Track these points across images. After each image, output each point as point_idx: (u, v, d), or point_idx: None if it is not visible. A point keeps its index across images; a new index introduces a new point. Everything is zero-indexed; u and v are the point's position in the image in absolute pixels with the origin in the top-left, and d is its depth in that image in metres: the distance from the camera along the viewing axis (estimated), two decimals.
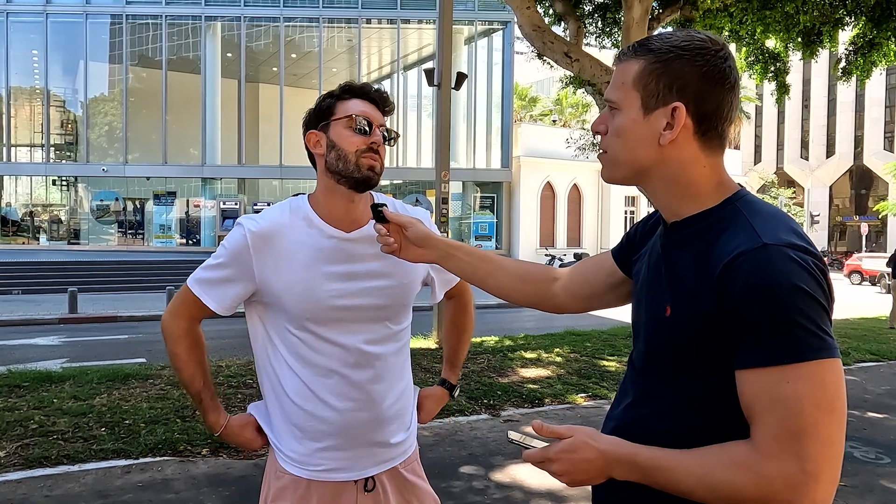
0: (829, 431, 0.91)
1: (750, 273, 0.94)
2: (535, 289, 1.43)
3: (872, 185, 44.40)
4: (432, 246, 1.44)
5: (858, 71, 10.23)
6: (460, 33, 26.15)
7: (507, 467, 4.22)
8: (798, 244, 0.96)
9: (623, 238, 1.34)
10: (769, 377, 0.93)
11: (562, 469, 1.04)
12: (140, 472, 4.05)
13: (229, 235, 1.56)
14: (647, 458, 1.01)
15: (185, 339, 1.60)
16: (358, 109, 1.53)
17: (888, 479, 4.19)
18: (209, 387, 1.64)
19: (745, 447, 0.95)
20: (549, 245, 26.49)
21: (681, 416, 1.05)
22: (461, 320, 1.88)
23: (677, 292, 1.05)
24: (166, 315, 1.61)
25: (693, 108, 1.04)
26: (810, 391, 0.91)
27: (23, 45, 26.89)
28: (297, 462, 1.56)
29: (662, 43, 1.06)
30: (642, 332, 1.16)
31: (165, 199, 27.16)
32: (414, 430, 1.72)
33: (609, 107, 1.13)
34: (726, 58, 1.04)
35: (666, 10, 9.76)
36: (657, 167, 1.08)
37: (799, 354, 0.91)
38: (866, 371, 7.76)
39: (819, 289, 0.95)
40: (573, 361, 7.51)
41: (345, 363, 1.54)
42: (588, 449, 1.03)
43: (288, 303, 1.51)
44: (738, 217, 1.03)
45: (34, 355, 8.45)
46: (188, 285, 1.58)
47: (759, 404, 0.94)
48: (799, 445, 0.91)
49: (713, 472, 0.96)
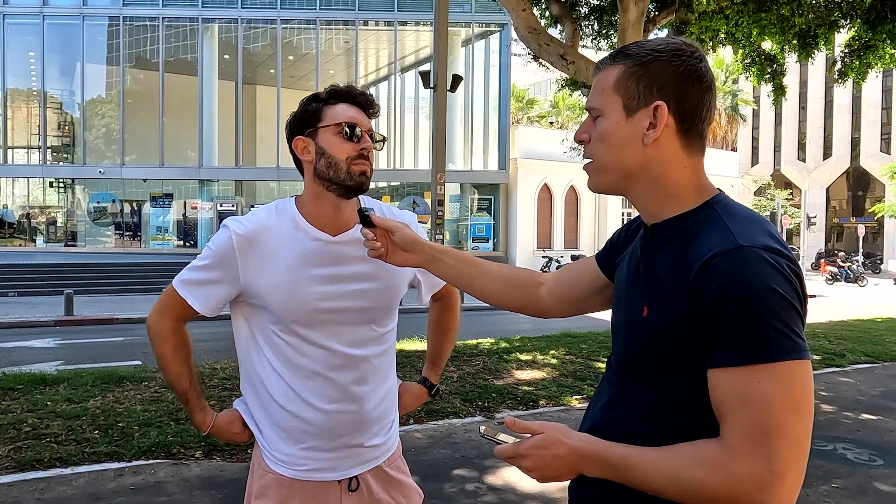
0: (797, 431, 0.93)
1: (724, 274, 0.95)
2: (519, 293, 1.45)
3: (869, 186, 44.46)
4: (418, 250, 1.45)
5: (854, 73, 10.24)
6: (457, 35, 26.17)
7: (501, 470, 4.22)
8: (773, 247, 0.98)
9: (606, 243, 1.36)
10: (740, 377, 0.94)
11: (532, 465, 1.05)
12: (133, 474, 4.04)
13: (215, 237, 1.56)
14: (617, 456, 1.02)
15: (172, 338, 1.60)
16: (346, 115, 1.53)
17: (882, 482, 4.19)
18: (195, 386, 1.64)
19: (715, 446, 0.96)
20: (546, 247, 26.50)
21: (658, 418, 1.06)
22: (446, 321, 1.89)
23: (655, 293, 1.06)
24: (152, 314, 1.61)
25: (674, 106, 1.06)
26: (779, 392, 0.92)
27: (19, 46, 26.85)
28: (281, 461, 1.57)
29: (639, 48, 1.09)
30: (621, 333, 1.17)
31: (162, 201, 27.14)
32: (396, 428, 1.73)
33: (591, 114, 1.15)
34: (701, 59, 1.07)
35: (661, 12, 9.78)
36: (641, 170, 1.09)
37: (770, 355, 0.93)
38: (861, 372, 7.76)
39: (792, 291, 0.96)
40: (568, 363, 7.51)
41: (329, 365, 1.54)
42: (559, 445, 1.04)
43: (273, 304, 1.51)
44: (715, 219, 1.04)
45: (30, 357, 8.44)
46: (174, 286, 1.58)
47: (729, 403, 0.95)
48: (767, 444, 0.92)
49: (683, 470, 0.97)
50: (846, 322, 12.58)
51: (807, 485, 4.09)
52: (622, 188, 1.14)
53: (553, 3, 10.06)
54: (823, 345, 9.25)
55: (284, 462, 1.56)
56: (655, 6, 9.87)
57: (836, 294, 22.40)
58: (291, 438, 1.55)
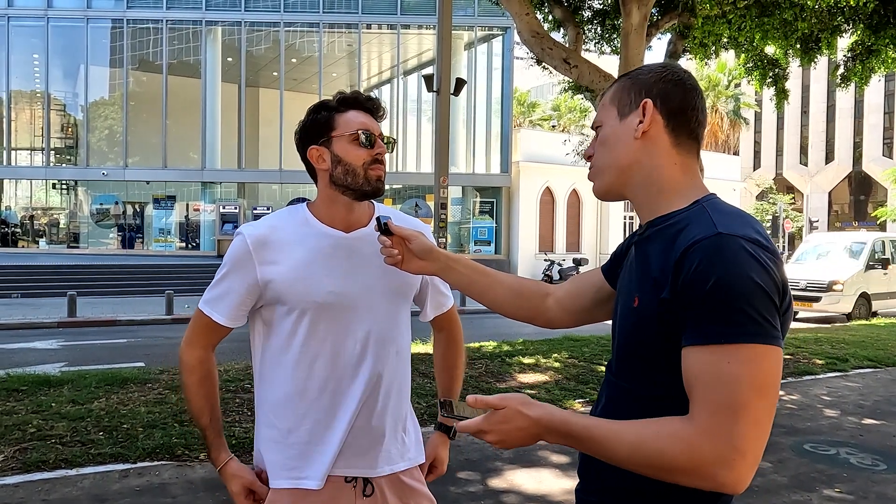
0: (760, 413, 0.97)
1: (702, 258, 1.00)
2: (528, 303, 1.50)
3: (871, 191, 44.44)
4: (434, 258, 1.51)
5: (857, 78, 10.26)
6: (460, 39, 26.22)
7: (504, 473, 4.23)
8: (752, 237, 1.02)
9: (611, 255, 1.41)
10: (710, 355, 0.98)
11: (496, 439, 1.10)
12: (138, 476, 4.06)
13: (230, 246, 1.59)
14: (580, 426, 1.06)
15: (198, 369, 1.61)
16: (358, 122, 1.56)
17: (884, 486, 4.19)
18: (216, 423, 1.64)
19: (681, 420, 1.00)
20: (548, 250, 26.49)
21: (653, 414, 1.08)
22: (452, 357, 1.86)
23: (644, 282, 1.12)
24: (182, 345, 1.63)
25: (660, 103, 1.17)
26: (747, 372, 0.96)
27: (24, 48, 26.93)
28: (292, 478, 1.56)
29: (634, 70, 1.25)
30: (617, 330, 1.22)
31: (165, 203, 27.18)
32: (418, 441, 1.74)
33: (595, 131, 1.26)
34: (685, 71, 1.21)
35: (664, 16, 9.79)
36: (635, 166, 1.18)
37: (740, 336, 0.97)
38: (864, 377, 7.76)
39: (769, 279, 0.99)
40: (571, 367, 7.51)
41: (344, 366, 1.56)
42: (521, 418, 1.08)
43: (288, 298, 1.53)
44: (701, 214, 1.10)
45: (33, 359, 8.46)
46: (198, 307, 1.61)
47: (698, 380, 0.99)
48: (732, 422, 0.96)
49: (647, 442, 1.00)
50: (848, 326, 12.57)
51: (810, 489, 4.10)
52: (621, 188, 1.23)
53: (556, 7, 10.09)
54: (826, 349, 9.25)
55: (294, 478, 1.56)
56: (658, 11, 9.89)
57: None
58: (305, 442, 1.56)
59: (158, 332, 11.55)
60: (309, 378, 1.55)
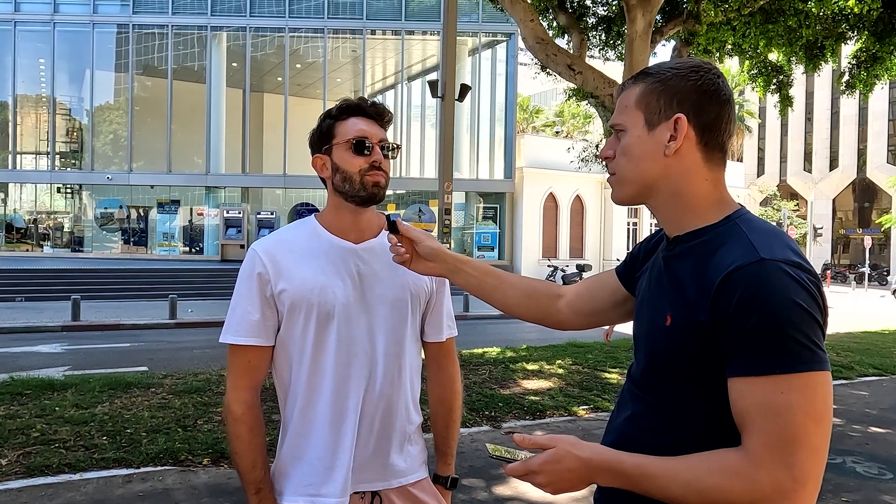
0: (817, 441, 0.95)
1: (746, 286, 0.97)
2: (539, 304, 1.47)
3: (875, 198, 44.31)
4: (441, 260, 1.49)
5: (861, 85, 10.25)
6: (464, 44, 26.24)
7: (509, 479, 4.21)
8: (793, 260, 1.00)
9: (627, 256, 1.38)
10: (762, 386, 0.96)
11: (546, 480, 1.07)
12: (141, 481, 4.05)
13: (243, 264, 1.57)
14: (633, 465, 1.03)
15: (248, 417, 1.53)
16: (356, 129, 1.55)
17: (891, 496, 4.17)
18: (268, 477, 1.58)
19: (736, 454, 0.98)
20: (551, 256, 26.46)
21: (680, 429, 1.07)
22: (448, 399, 1.76)
23: (678, 302, 1.08)
24: (228, 394, 1.55)
25: (693, 118, 1.10)
26: (801, 401, 0.94)
27: (30, 53, 27.05)
28: (309, 494, 1.54)
29: (659, 68, 1.15)
30: (643, 343, 1.19)
31: (169, 208, 27.22)
32: (423, 457, 1.71)
33: (615, 132, 1.18)
34: (719, 75, 1.12)
35: (669, 23, 9.80)
36: (662, 181, 1.13)
37: (792, 365, 0.95)
38: (869, 385, 7.73)
39: (813, 303, 0.98)
40: (575, 373, 7.49)
41: (352, 378, 1.55)
42: (571, 458, 1.05)
43: (299, 310, 1.52)
44: (736, 232, 1.06)
45: (37, 363, 8.46)
46: (227, 343, 1.55)
47: (751, 412, 0.97)
48: (789, 453, 0.94)
49: (703, 478, 0.98)
50: (853, 334, 12.53)
51: (817, 498, 4.07)
52: (644, 199, 1.17)
53: (560, 13, 10.10)
54: (831, 357, 9.15)
55: (309, 494, 1.55)
56: (663, 17, 9.89)
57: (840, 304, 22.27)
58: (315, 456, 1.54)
59: (162, 336, 11.56)
60: (319, 391, 1.54)
